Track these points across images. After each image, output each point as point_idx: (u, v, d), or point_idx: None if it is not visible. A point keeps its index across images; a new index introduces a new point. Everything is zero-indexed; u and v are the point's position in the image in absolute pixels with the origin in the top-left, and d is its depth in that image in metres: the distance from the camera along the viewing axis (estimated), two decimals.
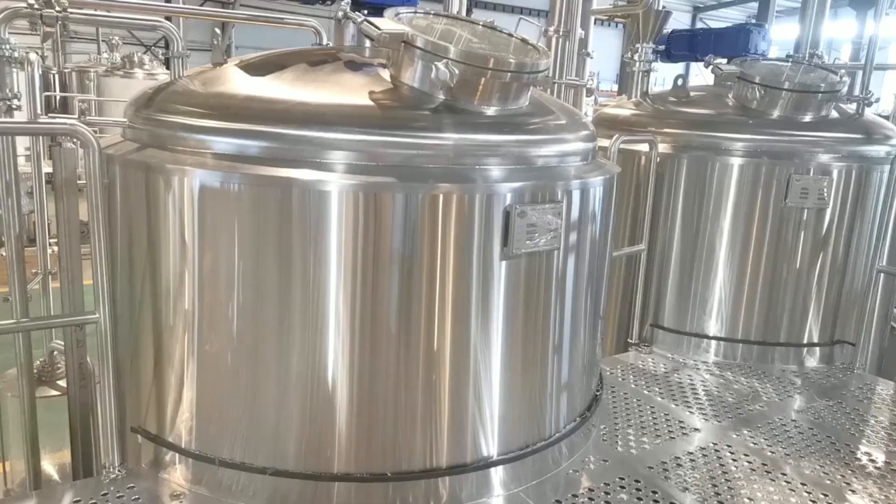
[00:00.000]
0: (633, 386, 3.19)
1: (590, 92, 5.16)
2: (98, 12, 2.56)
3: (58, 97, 10.49)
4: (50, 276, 3.46)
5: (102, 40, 12.58)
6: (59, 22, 2.22)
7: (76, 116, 6.47)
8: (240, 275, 1.93)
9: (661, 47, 4.13)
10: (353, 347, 1.95)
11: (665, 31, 4.22)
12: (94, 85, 10.79)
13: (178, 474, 2.16)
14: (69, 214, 2.24)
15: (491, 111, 2.07)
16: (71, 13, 2.24)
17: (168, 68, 2.37)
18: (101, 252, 2.04)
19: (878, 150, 3.50)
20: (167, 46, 2.32)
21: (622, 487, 2.31)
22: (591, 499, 2.23)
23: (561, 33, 4.63)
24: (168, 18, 2.66)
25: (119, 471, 2.19)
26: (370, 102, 1.99)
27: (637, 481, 2.36)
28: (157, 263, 2.04)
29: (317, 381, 1.97)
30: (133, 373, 2.22)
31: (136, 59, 11.19)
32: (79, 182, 2.22)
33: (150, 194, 2.00)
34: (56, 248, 2.45)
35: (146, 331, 2.13)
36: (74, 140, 2.08)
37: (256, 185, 1.87)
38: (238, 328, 1.98)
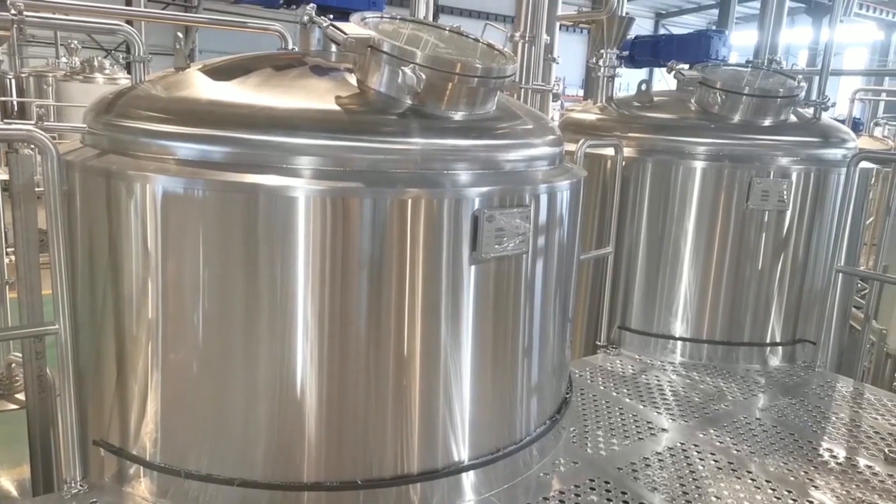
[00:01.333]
0: (601, 388, 3.22)
1: (556, 97, 5.21)
2: (56, 16, 2.50)
3: (14, 102, 10.21)
4: (7, 287, 3.37)
5: (61, 44, 12.30)
6: (15, 25, 2.16)
7: (34, 122, 6.31)
8: (205, 282, 1.90)
9: (626, 53, 4.20)
10: (321, 354, 1.93)
11: (629, 37, 4.29)
12: (52, 90, 10.52)
13: (142, 487, 2.11)
14: (27, 222, 2.18)
15: (458, 116, 2.08)
16: (27, 17, 2.18)
17: (129, 73, 2.32)
18: (61, 261, 1.99)
19: (835, 153, 3.60)
20: (128, 50, 2.27)
21: (592, 489, 2.33)
22: (561, 501, 2.24)
23: (527, 39, 4.67)
24: (129, 22, 2.61)
25: (81, 485, 2.13)
26: (337, 107, 1.98)
27: (607, 482, 2.38)
28: (119, 272, 1.99)
29: (285, 388, 1.95)
30: (95, 384, 2.16)
31: (95, 63, 10.94)
32: (37, 189, 2.16)
33: (112, 201, 1.95)
34: (13, 258, 2.38)
35: (108, 341, 2.08)
36: (32, 146, 2.02)
37: (221, 191, 1.84)
38: (204, 336, 1.94)
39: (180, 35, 2.42)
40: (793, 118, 3.63)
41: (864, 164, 3.56)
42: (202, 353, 1.96)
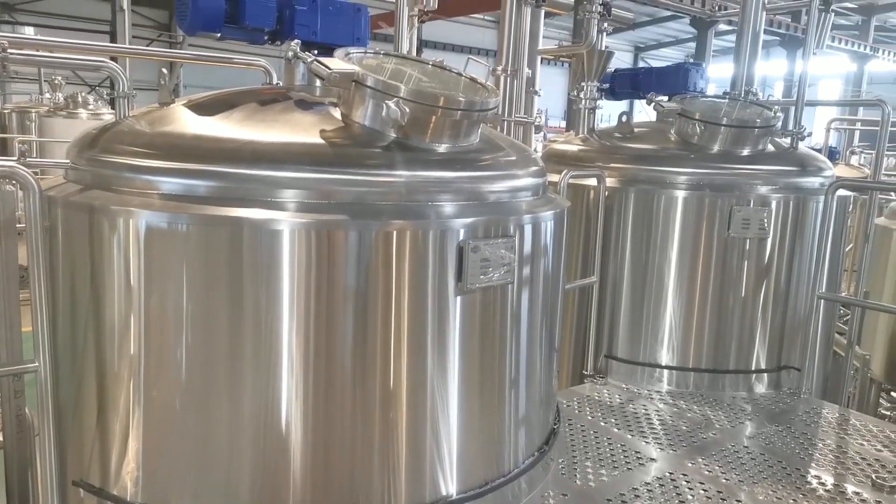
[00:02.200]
0: (589, 418, 3.20)
1: (538, 129, 5.28)
2: (40, 53, 2.51)
3: None
4: None
5: (45, 80, 12.31)
6: None
7: (16, 158, 6.28)
8: (188, 317, 1.88)
9: (606, 85, 4.27)
10: (307, 388, 1.91)
11: (609, 70, 4.37)
12: (35, 125, 10.50)
13: None
14: (8, 258, 2.15)
15: (442, 148, 2.10)
16: (11, 54, 2.19)
17: (113, 108, 2.33)
18: (42, 297, 1.96)
19: (812, 181, 3.66)
20: (113, 86, 2.28)
21: None
22: None
23: (509, 72, 4.75)
24: (114, 59, 2.62)
25: None
26: (321, 140, 1.99)
27: None
28: (101, 308, 1.97)
29: (270, 424, 1.92)
30: (75, 423, 2.12)
31: (79, 98, 10.96)
32: (18, 225, 2.14)
33: (94, 237, 1.94)
34: None
35: (89, 378, 2.04)
36: (13, 182, 2.01)
37: (205, 225, 1.84)
38: (187, 372, 1.92)
39: (165, 71, 2.44)
40: (771, 148, 3.70)
41: (842, 192, 3.62)
42: (185, 390, 1.93)
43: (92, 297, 1.99)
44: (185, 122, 2.14)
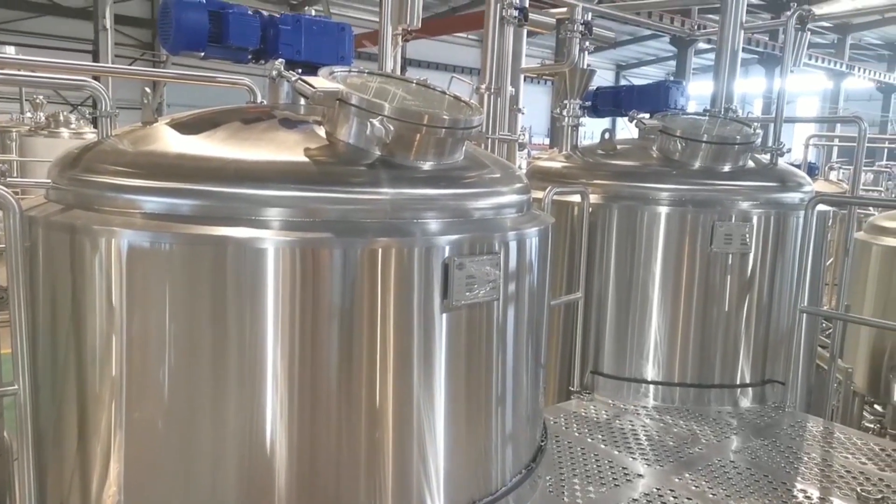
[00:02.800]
0: (576, 434, 3.20)
1: (522, 146, 5.31)
2: (22, 72, 2.50)
3: None
4: None
5: (26, 99, 12.21)
6: None
7: None
8: (171, 337, 1.86)
9: (588, 103, 4.32)
10: (291, 408, 1.89)
11: (591, 88, 4.42)
12: (16, 145, 10.40)
13: None
14: None
15: (427, 166, 2.10)
16: None
17: (96, 127, 2.31)
18: (22, 319, 1.93)
19: (792, 196, 3.71)
20: (95, 105, 2.27)
21: None
22: None
23: (492, 91, 4.78)
24: (96, 78, 2.61)
25: None
26: (306, 158, 1.99)
27: None
28: (82, 329, 1.94)
29: (254, 444, 1.90)
30: (55, 447, 2.08)
31: (61, 118, 10.87)
32: None
33: (76, 257, 1.92)
34: None
35: (69, 401, 2.01)
36: None
37: (189, 243, 1.83)
38: (170, 393, 1.89)
39: (147, 90, 2.43)
40: (751, 164, 3.75)
41: (821, 207, 3.68)
42: (168, 411, 1.90)
43: (73, 317, 1.96)
44: (168, 140, 2.13)
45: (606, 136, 4.00)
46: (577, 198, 3.51)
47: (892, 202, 6.90)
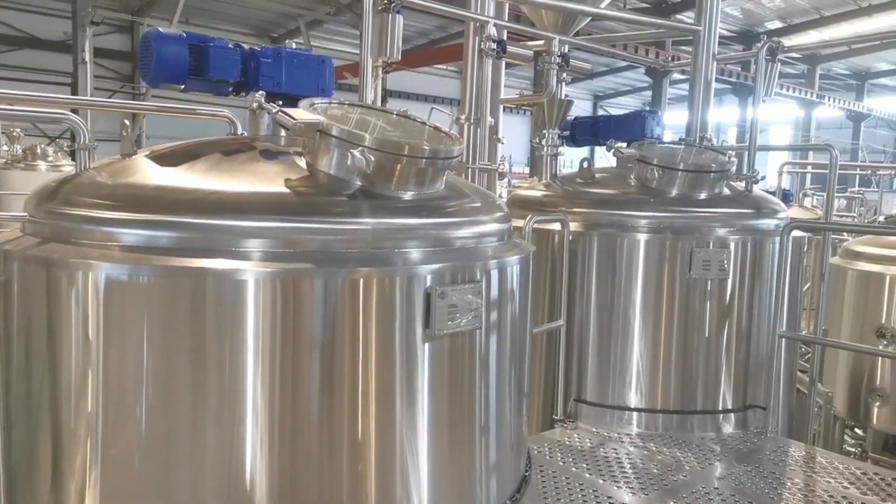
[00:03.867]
0: (560, 463, 3.17)
1: (502, 175, 5.36)
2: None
3: None
4: None
5: (2, 132, 12.11)
6: None
7: None
8: (149, 371, 1.83)
9: (567, 133, 4.38)
10: (272, 442, 1.86)
11: (569, 118, 4.49)
12: None
13: None
14: None
15: (408, 196, 2.11)
16: None
17: (74, 160, 2.30)
18: None
19: (768, 223, 3.77)
20: (73, 138, 2.26)
21: None
22: None
23: (472, 121, 4.84)
24: (75, 111, 2.60)
25: None
26: (286, 189, 1.99)
27: None
28: (58, 364, 1.91)
29: (235, 480, 1.86)
30: (27, 485, 2.02)
31: (38, 150, 10.78)
32: None
33: (52, 291, 1.89)
34: None
35: (44, 437, 1.96)
36: None
37: (167, 276, 1.81)
38: (147, 428, 1.86)
39: (126, 122, 2.43)
40: (726, 191, 3.81)
41: (797, 233, 3.74)
42: (146, 447, 1.86)
43: (48, 353, 1.92)
44: (148, 172, 2.12)
45: (585, 164, 4.05)
46: (557, 226, 3.54)
47: (865, 227, 7.04)
